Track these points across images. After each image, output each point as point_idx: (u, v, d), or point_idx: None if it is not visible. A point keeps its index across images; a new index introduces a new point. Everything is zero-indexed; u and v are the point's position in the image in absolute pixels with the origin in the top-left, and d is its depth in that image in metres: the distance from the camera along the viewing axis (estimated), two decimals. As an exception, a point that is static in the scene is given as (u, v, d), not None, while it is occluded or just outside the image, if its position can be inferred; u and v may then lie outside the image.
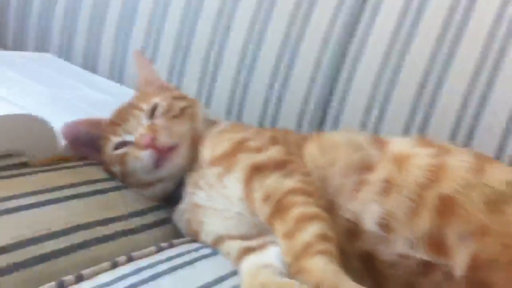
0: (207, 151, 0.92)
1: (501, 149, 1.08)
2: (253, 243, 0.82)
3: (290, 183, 0.80)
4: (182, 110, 0.99)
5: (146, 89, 1.07)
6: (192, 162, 0.94)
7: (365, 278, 0.79)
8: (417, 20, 1.15)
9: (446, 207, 0.76)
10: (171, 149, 0.92)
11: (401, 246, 0.76)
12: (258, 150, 0.88)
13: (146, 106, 0.97)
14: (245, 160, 0.85)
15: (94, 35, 1.59)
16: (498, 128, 1.09)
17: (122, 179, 0.98)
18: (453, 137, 1.12)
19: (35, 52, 1.69)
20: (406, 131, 1.16)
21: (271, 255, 0.78)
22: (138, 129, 0.94)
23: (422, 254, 0.75)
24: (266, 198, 0.79)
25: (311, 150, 0.89)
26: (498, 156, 1.08)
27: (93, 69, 1.60)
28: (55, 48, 1.68)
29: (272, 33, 1.30)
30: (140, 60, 1.14)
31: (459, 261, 0.73)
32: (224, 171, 0.87)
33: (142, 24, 1.49)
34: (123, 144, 0.95)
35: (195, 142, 0.95)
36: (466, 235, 0.74)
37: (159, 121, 0.94)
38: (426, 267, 0.75)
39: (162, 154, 0.91)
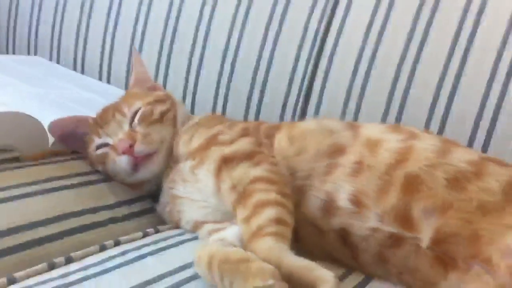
0: (183, 146, 0.97)
1: (472, 137, 1.13)
2: (222, 225, 0.87)
3: (256, 172, 0.85)
4: (163, 115, 1.03)
5: (135, 90, 1.12)
6: (169, 160, 0.99)
7: (341, 252, 0.85)
8: (389, 13, 1.21)
9: (412, 184, 0.81)
10: (147, 156, 0.96)
11: (372, 221, 0.81)
12: (229, 142, 0.93)
13: (127, 111, 1.01)
14: (216, 153, 0.90)
15: (81, 38, 1.64)
16: (470, 116, 1.13)
17: (107, 176, 1.02)
18: (427, 125, 1.17)
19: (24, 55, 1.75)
20: (383, 120, 1.21)
21: (231, 233, 0.83)
22: (118, 133, 0.98)
23: (391, 228, 0.80)
24: (233, 187, 0.85)
25: (280, 140, 0.94)
26: (470, 144, 1.13)
27: (82, 71, 1.66)
28: (45, 51, 1.73)
29: (251, 31, 1.36)
30: (136, 59, 1.17)
31: (424, 234, 0.78)
32: (197, 164, 0.92)
33: (127, 27, 1.55)
34: (104, 145, 1.00)
35: (173, 144, 1.00)
36: (430, 210, 0.79)
37: (138, 127, 0.98)
38: (396, 240, 0.80)
39: (138, 160, 0.96)
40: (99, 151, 1.00)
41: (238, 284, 0.69)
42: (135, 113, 1.00)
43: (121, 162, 0.95)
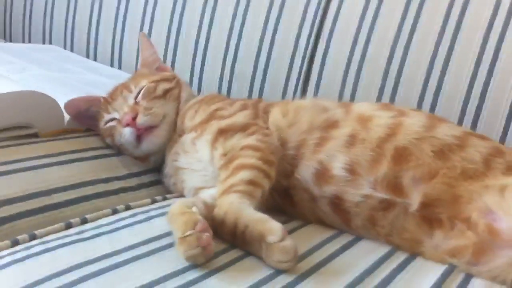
0: (188, 121, 1.05)
1: (462, 114, 1.20)
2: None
3: (246, 141, 0.93)
4: (166, 92, 1.10)
5: (144, 70, 1.19)
6: (173, 135, 1.06)
7: (332, 217, 0.92)
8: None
9: (401, 155, 0.88)
10: (149, 128, 1.04)
11: (366, 188, 0.88)
12: (228, 116, 1.01)
13: (134, 87, 1.09)
14: (214, 125, 0.98)
15: (93, 26, 1.72)
16: (459, 95, 1.20)
17: (118, 150, 1.10)
18: (419, 102, 1.23)
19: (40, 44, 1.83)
20: (378, 99, 1.28)
21: (208, 193, 0.91)
22: (123, 108, 1.06)
23: (382, 194, 0.87)
24: (224, 154, 0.93)
25: (275, 114, 1.01)
26: (461, 120, 1.20)
27: (94, 58, 1.74)
28: (59, 40, 1.82)
29: (252, 18, 1.43)
30: (144, 41, 1.23)
31: (413, 199, 0.86)
32: (197, 135, 1.00)
33: (137, 15, 1.62)
34: (112, 120, 1.08)
35: (176, 120, 1.07)
36: (418, 178, 0.86)
37: (142, 101, 1.06)
38: (386, 204, 0.87)
39: (141, 132, 1.03)
40: (108, 125, 1.08)
41: (174, 234, 0.76)
42: (141, 89, 1.08)
43: (126, 133, 1.03)
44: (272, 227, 0.76)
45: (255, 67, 1.43)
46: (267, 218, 0.78)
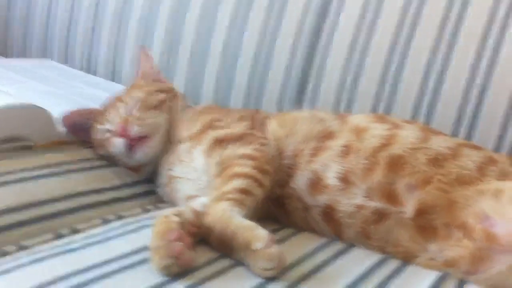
0: (185, 131, 1.04)
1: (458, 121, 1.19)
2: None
3: (243, 150, 0.93)
4: (161, 103, 1.10)
5: (140, 82, 1.19)
6: (167, 146, 1.06)
7: (324, 228, 0.91)
8: (380, 6, 1.27)
9: (396, 163, 0.88)
10: (142, 138, 1.03)
11: (359, 197, 0.87)
12: (225, 126, 1.01)
13: (128, 99, 1.09)
14: (211, 135, 0.98)
15: (93, 41, 1.72)
16: (456, 102, 1.19)
17: (112, 161, 1.09)
18: (416, 109, 1.23)
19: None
20: (375, 109, 1.28)
21: (198, 201, 0.90)
22: (116, 119, 1.06)
23: (376, 203, 0.86)
24: (220, 163, 0.92)
25: (272, 125, 1.01)
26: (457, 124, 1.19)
27: (95, 73, 1.73)
28: (57, 55, 1.82)
29: (251, 27, 1.43)
30: (143, 55, 1.24)
31: (408, 207, 0.85)
32: (194, 145, 1.00)
33: (134, 28, 1.63)
34: (106, 131, 1.07)
35: (170, 130, 1.07)
36: (413, 185, 0.86)
37: (135, 112, 1.06)
38: (379, 215, 0.86)
39: (134, 142, 1.02)
40: (101, 136, 1.08)
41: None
42: (135, 101, 1.07)
43: (118, 144, 1.02)
44: (258, 234, 0.75)
45: (251, 79, 1.43)
46: (255, 225, 0.77)
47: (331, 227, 0.90)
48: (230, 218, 0.79)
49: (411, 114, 1.23)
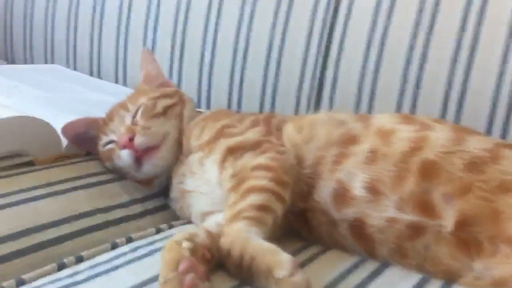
0: (194, 140, 0.96)
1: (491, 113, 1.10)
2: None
3: (258, 160, 0.85)
4: (166, 109, 1.02)
5: (143, 87, 1.11)
6: (178, 156, 0.98)
7: (353, 245, 0.82)
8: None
9: (429, 170, 0.79)
10: (149, 149, 0.95)
11: (390, 209, 0.79)
12: (238, 134, 0.92)
13: (131, 106, 1.01)
14: (223, 144, 0.90)
15: (96, 43, 1.66)
16: (487, 92, 1.10)
17: (119, 175, 1.02)
18: (444, 105, 1.14)
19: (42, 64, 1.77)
20: (398, 105, 1.19)
21: (212, 220, 0.83)
22: (120, 128, 0.98)
23: (410, 216, 0.78)
24: (234, 175, 0.84)
25: (288, 130, 0.93)
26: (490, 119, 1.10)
27: (99, 76, 1.67)
28: (61, 59, 1.75)
29: (260, 23, 1.35)
30: (146, 57, 1.16)
31: (447, 219, 0.76)
32: (205, 155, 0.92)
33: (139, 28, 1.55)
34: (110, 142, 1.00)
35: (180, 139, 0.99)
36: (450, 194, 0.77)
37: (140, 121, 0.98)
38: (415, 230, 0.77)
39: (140, 153, 0.94)
40: (106, 148, 1.00)
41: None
42: (139, 108, 1.00)
43: (123, 156, 0.95)
44: (281, 260, 0.67)
45: (265, 75, 1.35)
46: (276, 249, 0.70)
47: (362, 244, 0.82)
48: (248, 240, 0.72)
49: (440, 111, 1.14)
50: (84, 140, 1.07)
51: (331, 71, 1.27)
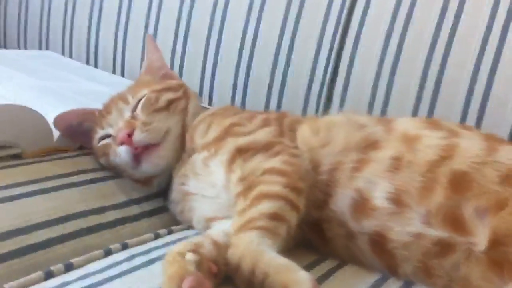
0: (199, 138, 0.89)
1: None
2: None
3: (270, 163, 0.78)
4: (170, 103, 0.94)
5: (145, 78, 1.04)
6: (181, 154, 0.91)
7: (373, 260, 0.76)
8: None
9: (460, 181, 0.72)
10: (149, 146, 0.88)
11: (416, 223, 0.72)
12: (247, 133, 0.86)
13: (131, 98, 0.94)
14: (231, 143, 0.83)
15: (93, 30, 1.58)
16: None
17: (115, 172, 0.95)
18: (465, 109, 1.07)
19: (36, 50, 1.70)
20: (415, 108, 1.12)
21: (218, 229, 0.77)
22: (118, 122, 0.91)
23: (438, 231, 0.71)
24: (242, 178, 0.78)
25: (303, 131, 0.86)
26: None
27: (95, 64, 1.59)
28: (57, 45, 1.67)
29: (269, 15, 1.27)
30: (151, 45, 1.09)
31: (479, 236, 0.69)
32: (210, 155, 0.85)
33: (140, 17, 1.48)
34: (107, 136, 0.93)
35: (183, 136, 0.92)
36: (483, 209, 0.70)
37: (140, 115, 0.91)
38: (443, 247, 0.71)
39: (139, 151, 0.87)
40: (102, 143, 0.93)
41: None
42: (139, 100, 0.93)
43: (121, 153, 0.88)
44: (299, 279, 0.62)
45: (273, 72, 1.27)
46: (293, 265, 0.63)
47: (382, 260, 0.75)
48: (260, 253, 0.65)
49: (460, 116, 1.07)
50: (78, 133, 0.99)
51: (343, 72, 1.19)
